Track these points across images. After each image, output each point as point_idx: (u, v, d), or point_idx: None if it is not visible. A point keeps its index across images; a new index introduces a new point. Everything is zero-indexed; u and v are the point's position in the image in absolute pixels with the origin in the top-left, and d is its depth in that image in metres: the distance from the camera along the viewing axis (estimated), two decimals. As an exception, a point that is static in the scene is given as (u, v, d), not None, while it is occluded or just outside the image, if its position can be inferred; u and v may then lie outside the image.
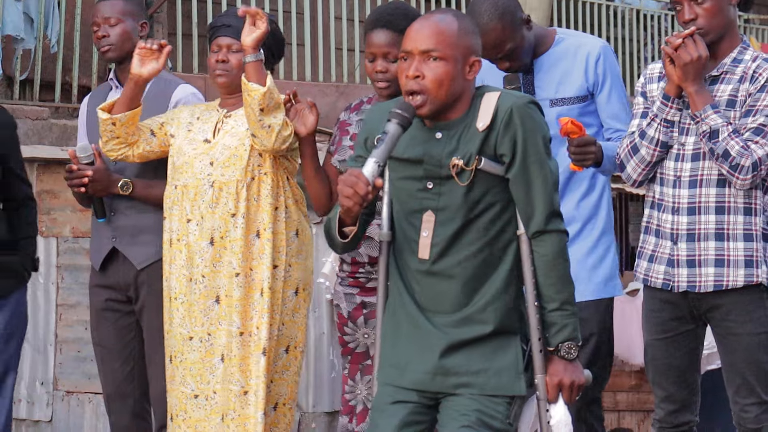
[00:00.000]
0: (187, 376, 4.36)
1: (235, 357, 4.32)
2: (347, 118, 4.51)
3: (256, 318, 4.33)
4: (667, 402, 4.18)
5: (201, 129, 4.50)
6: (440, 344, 3.35)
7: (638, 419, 7.03)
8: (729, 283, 4.06)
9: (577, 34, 4.72)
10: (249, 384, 4.31)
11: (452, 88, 3.33)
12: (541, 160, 3.33)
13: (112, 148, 4.48)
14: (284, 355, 4.40)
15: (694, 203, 4.08)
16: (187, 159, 4.45)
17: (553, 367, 3.35)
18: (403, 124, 3.31)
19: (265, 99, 4.25)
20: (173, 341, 4.41)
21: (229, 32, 4.44)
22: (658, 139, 4.09)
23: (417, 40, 3.34)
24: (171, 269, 4.42)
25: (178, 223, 4.42)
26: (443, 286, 3.36)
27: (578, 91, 4.50)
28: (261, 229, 4.37)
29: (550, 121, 4.47)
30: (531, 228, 3.35)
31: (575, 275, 4.44)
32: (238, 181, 4.38)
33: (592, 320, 4.47)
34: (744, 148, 3.99)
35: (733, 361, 4.10)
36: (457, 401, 3.33)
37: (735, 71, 4.09)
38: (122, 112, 4.42)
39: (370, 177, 3.25)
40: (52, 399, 6.20)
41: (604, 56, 4.52)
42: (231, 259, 4.35)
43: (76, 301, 6.15)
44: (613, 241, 4.62)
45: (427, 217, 3.36)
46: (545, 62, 4.52)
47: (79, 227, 6.32)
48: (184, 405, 4.38)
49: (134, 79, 4.41)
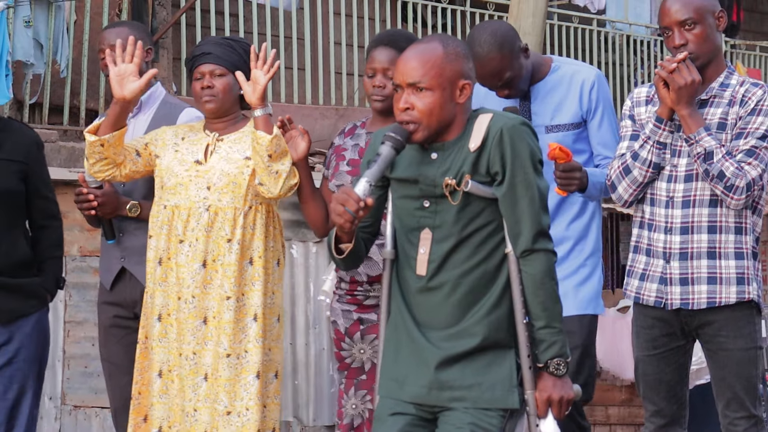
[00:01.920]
0: (177, 389, 4.40)
1: (221, 378, 4.35)
2: (342, 143, 4.55)
3: (246, 342, 4.38)
4: (657, 416, 4.21)
5: (189, 150, 4.51)
6: (435, 359, 3.39)
7: (628, 433, 7.08)
8: (722, 300, 4.10)
9: (573, 63, 4.76)
10: (233, 405, 4.34)
11: (442, 115, 3.39)
12: (528, 180, 3.37)
13: (100, 170, 4.47)
14: (274, 380, 4.43)
15: (687, 223, 4.12)
16: (180, 180, 4.47)
17: (543, 383, 3.39)
18: (396, 147, 3.38)
19: (273, 145, 4.32)
20: (169, 356, 4.42)
21: (209, 59, 4.47)
22: (650, 160, 4.13)
23: (404, 73, 3.39)
24: (161, 287, 4.45)
25: (167, 242, 4.44)
26: (439, 302, 3.40)
27: (573, 118, 4.56)
28: (255, 257, 4.42)
29: (546, 148, 4.60)
30: (519, 247, 3.38)
31: (561, 291, 4.56)
32: (236, 209, 4.41)
33: (576, 334, 4.51)
34: (738, 169, 4.03)
35: (724, 375, 4.14)
36: (453, 415, 3.37)
37: (723, 95, 4.14)
38: (108, 133, 4.40)
39: (362, 195, 3.31)
40: (60, 413, 6.24)
41: (598, 84, 4.58)
42: (223, 282, 4.38)
43: (84, 318, 6.16)
44: (600, 262, 4.66)
45: (424, 234, 3.41)
46: (541, 90, 4.57)
47: (86, 246, 6.36)
48: (177, 417, 4.40)
49: (118, 102, 4.40)
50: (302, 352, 6.38)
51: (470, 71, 3.43)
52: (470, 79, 3.42)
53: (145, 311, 4.51)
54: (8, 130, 4.66)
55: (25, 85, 7.04)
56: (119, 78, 4.39)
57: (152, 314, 4.48)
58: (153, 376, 4.46)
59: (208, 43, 4.55)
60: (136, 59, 4.42)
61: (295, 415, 6.28)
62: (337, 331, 4.52)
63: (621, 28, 10.91)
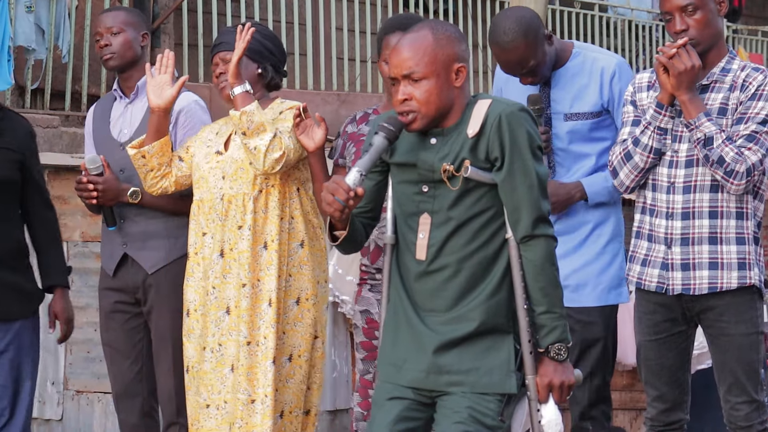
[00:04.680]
0: (201, 386, 4.41)
1: (243, 366, 4.35)
2: (357, 130, 4.55)
3: (263, 328, 4.37)
4: (659, 401, 4.23)
5: (216, 143, 4.55)
6: (432, 343, 3.39)
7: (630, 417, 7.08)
8: (723, 285, 4.12)
9: (594, 49, 4.71)
10: (256, 392, 4.34)
11: (441, 101, 3.39)
12: (527, 166, 3.37)
13: (152, 183, 4.53)
14: (287, 363, 4.42)
15: (689, 208, 4.14)
16: (202, 173, 4.50)
17: (544, 368, 3.40)
18: (389, 138, 3.39)
19: (242, 122, 4.31)
20: (192, 352, 4.45)
21: (225, 47, 4.50)
22: (651, 146, 4.14)
23: (398, 65, 3.39)
24: (189, 282, 4.48)
25: (195, 237, 4.48)
26: (438, 287, 3.41)
27: (592, 107, 4.53)
28: (268, 241, 4.41)
29: (562, 136, 4.57)
30: (518, 233, 3.38)
31: (582, 280, 4.51)
32: (245, 195, 4.42)
33: (598, 325, 4.50)
34: (738, 154, 4.04)
35: (725, 360, 4.15)
36: (450, 400, 3.37)
37: (724, 80, 4.15)
38: (151, 143, 4.48)
39: (352, 185, 3.31)
40: (62, 398, 6.26)
41: (620, 73, 4.53)
42: (239, 270, 4.39)
43: (86, 303, 6.18)
44: (621, 248, 4.61)
45: (423, 219, 3.41)
46: (561, 76, 4.54)
47: (88, 232, 6.37)
48: (197, 415, 4.43)
49: (155, 111, 4.47)
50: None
51: (464, 53, 3.42)
52: (464, 62, 3.42)
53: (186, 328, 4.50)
54: (6, 118, 4.66)
55: (26, 70, 7.05)
56: (157, 88, 4.47)
57: (184, 309, 4.50)
58: (183, 372, 4.48)
59: (227, 32, 4.57)
60: (170, 69, 4.51)
61: (297, 399, 6.28)
62: (369, 320, 4.50)
63: (623, 14, 10.91)
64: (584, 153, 4.57)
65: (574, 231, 4.57)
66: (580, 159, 4.57)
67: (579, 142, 4.56)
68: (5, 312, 4.58)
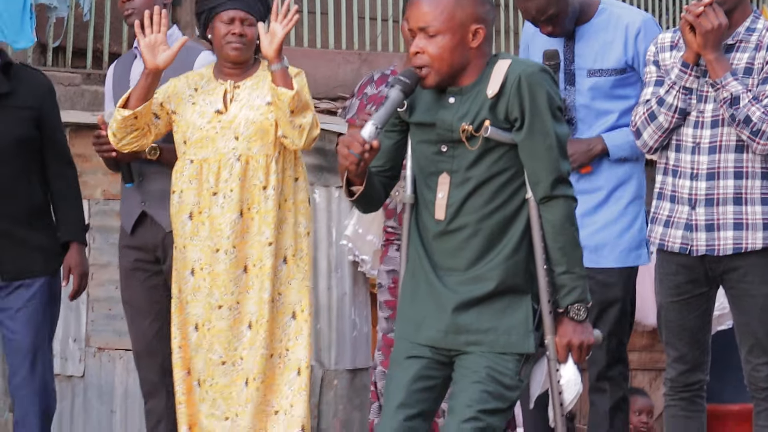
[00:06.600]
0: (215, 343, 4.44)
1: (266, 321, 4.42)
2: (377, 92, 4.56)
3: (279, 284, 4.45)
4: (679, 362, 4.25)
5: (206, 101, 4.52)
6: (451, 303, 3.40)
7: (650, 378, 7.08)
8: (748, 246, 4.12)
9: (621, 5, 4.68)
10: (274, 347, 4.41)
11: (453, 59, 3.38)
12: (546, 127, 3.36)
13: (129, 142, 4.48)
14: (292, 321, 4.49)
15: (714, 169, 4.14)
16: (205, 134, 4.48)
17: (563, 328, 3.41)
18: (404, 90, 3.38)
19: (294, 101, 4.33)
20: (200, 310, 4.47)
21: (240, 5, 4.47)
22: (676, 106, 4.14)
23: (415, 18, 3.40)
24: (192, 241, 4.48)
25: (198, 196, 4.47)
26: (457, 246, 3.41)
27: (616, 64, 4.51)
28: (282, 200, 4.47)
29: (584, 92, 4.56)
30: (538, 193, 3.38)
31: (602, 241, 4.49)
32: (267, 156, 4.45)
33: (617, 287, 4.50)
34: (765, 113, 4.04)
35: (748, 321, 4.17)
36: (469, 359, 3.39)
37: (750, 40, 4.15)
38: (141, 105, 4.42)
39: (368, 138, 3.32)
40: (84, 355, 6.29)
41: (645, 31, 4.50)
42: (263, 229, 4.43)
43: (107, 261, 6.21)
44: (643, 208, 4.60)
45: (442, 179, 3.42)
46: (586, 32, 4.52)
47: (109, 190, 6.38)
48: (211, 371, 4.46)
49: (152, 72, 4.43)
50: (324, 297, 6.42)
51: (485, 14, 3.41)
52: (484, 23, 3.40)
53: (177, 266, 4.54)
54: (20, 77, 4.67)
55: (48, 28, 7.03)
56: (150, 48, 4.42)
57: (184, 268, 4.51)
58: (190, 329, 4.50)
59: None
60: (164, 28, 4.45)
61: (317, 358, 6.32)
62: (396, 279, 4.53)
63: (647, -27, 10.81)
64: (606, 110, 4.56)
65: (595, 191, 4.56)
66: (601, 116, 4.55)
67: (601, 98, 4.54)
68: (24, 270, 4.62)
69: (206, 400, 4.49)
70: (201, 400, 4.50)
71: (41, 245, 4.67)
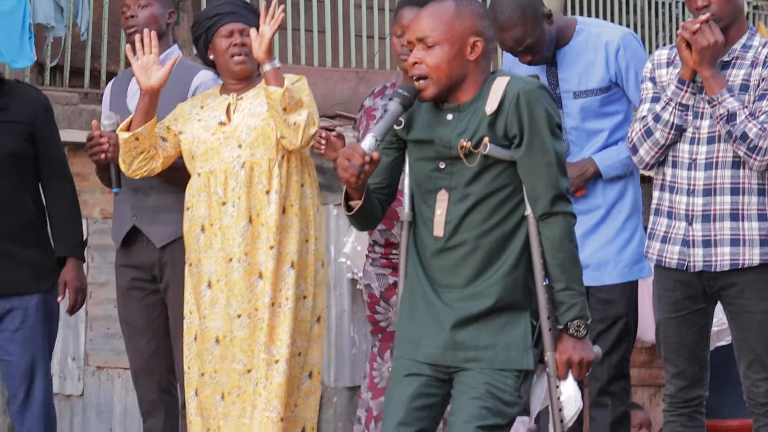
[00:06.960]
0: (238, 353, 4.43)
1: (266, 327, 4.41)
2: (372, 104, 4.57)
3: (285, 290, 4.44)
4: (678, 378, 4.24)
5: (211, 115, 4.55)
6: (450, 319, 3.40)
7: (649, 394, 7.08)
8: (745, 262, 4.12)
9: (598, 23, 4.72)
10: (280, 352, 4.40)
11: (451, 71, 3.39)
12: (545, 144, 3.37)
13: (138, 166, 4.51)
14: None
15: (710, 185, 4.13)
16: (210, 146, 4.50)
17: (563, 344, 3.41)
18: (404, 104, 3.39)
19: (285, 98, 4.34)
20: (220, 323, 4.45)
21: (238, 18, 4.51)
22: (672, 122, 4.14)
23: (414, 29, 3.42)
24: (207, 254, 4.48)
25: (208, 209, 4.48)
26: (456, 263, 3.42)
27: (600, 83, 4.53)
28: (287, 205, 4.47)
29: (574, 114, 4.57)
30: (537, 210, 3.39)
31: (604, 258, 4.51)
32: (270, 160, 4.45)
33: (620, 302, 4.52)
34: (762, 130, 4.04)
35: (746, 337, 4.16)
36: (468, 375, 3.39)
37: (746, 57, 4.15)
38: (142, 126, 4.46)
39: (367, 150, 3.32)
40: (83, 374, 6.29)
41: (624, 47, 4.52)
42: (268, 234, 4.43)
43: (105, 279, 6.20)
44: (640, 223, 4.62)
45: (441, 195, 3.42)
46: (567, 55, 4.54)
47: (108, 209, 6.37)
48: (236, 382, 4.43)
49: (148, 92, 4.46)
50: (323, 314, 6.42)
51: (484, 29, 3.42)
52: (482, 37, 3.41)
53: (192, 282, 4.53)
54: (14, 92, 4.67)
55: (46, 48, 7.06)
56: (143, 69, 4.45)
57: (200, 282, 4.50)
58: (211, 344, 4.48)
59: (230, 2, 4.57)
60: (155, 49, 4.48)
61: (316, 376, 6.31)
62: (371, 294, 4.55)
63: (642, -9, 10.84)
64: (597, 129, 4.59)
65: (592, 211, 4.58)
66: (593, 136, 4.59)
67: (591, 118, 4.57)
68: (18, 286, 4.60)
69: (231, 413, 4.46)
70: (225, 414, 4.47)
71: (33, 261, 4.65)
